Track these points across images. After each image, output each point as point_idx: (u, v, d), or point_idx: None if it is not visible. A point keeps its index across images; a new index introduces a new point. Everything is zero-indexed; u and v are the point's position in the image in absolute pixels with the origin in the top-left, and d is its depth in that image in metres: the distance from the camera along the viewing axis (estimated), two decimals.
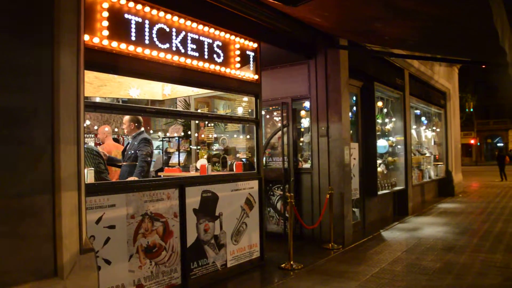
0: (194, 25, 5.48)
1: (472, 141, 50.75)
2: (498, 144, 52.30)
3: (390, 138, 11.20)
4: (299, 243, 7.76)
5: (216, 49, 5.82)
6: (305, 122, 8.68)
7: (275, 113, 8.75)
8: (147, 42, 4.82)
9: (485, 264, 6.53)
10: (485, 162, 49.12)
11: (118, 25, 4.52)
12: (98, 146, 7.29)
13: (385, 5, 4.86)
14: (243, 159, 7.65)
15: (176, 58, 5.19)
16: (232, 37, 6.12)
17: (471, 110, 44.71)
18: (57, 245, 3.12)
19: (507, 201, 13.95)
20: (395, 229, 9.33)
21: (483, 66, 5.46)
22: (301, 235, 8.20)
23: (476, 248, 7.53)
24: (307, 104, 8.36)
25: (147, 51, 4.81)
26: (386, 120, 11.16)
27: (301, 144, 8.71)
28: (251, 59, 6.47)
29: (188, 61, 5.37)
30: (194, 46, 5.47)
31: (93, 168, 5.24)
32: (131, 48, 4.63)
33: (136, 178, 5.95)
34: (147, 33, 4.82)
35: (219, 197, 5.84)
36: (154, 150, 7.25)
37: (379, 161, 10.20)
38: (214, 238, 5.75)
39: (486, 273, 6.10)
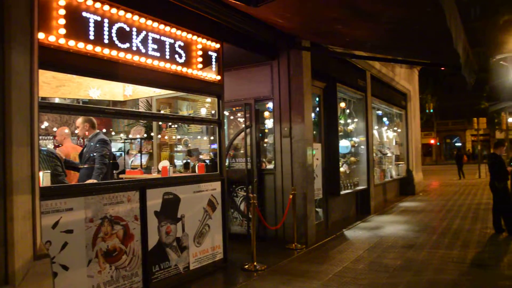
0: (155, 24, 5.40)
1: (432, 141, 52.14)
2: (457, 144, 53.97)
3: (353, 138, 11.36)
4: (262, 244, 7.75)
5: (177, 49, 5.75)
6: (269, 123, 8.70)
7: (238, 114, 8.73)
8: (106, 41, 4.71)
9: (443, 260, 6.72)
10: (444, 161, 50.52)
11: (76, 23, 4.39)
12: (56, 149, 7.08)
13: (346, 7, 4.92)
14: (206, 161, 7.60)
15: (136, 58, 5.10)
16: (194, 37, 6.06)
17: (431, 111, 45.97)
18: (8, 251, 2.99)
19: (464, 199, 14.40)
20: (357, 228, 9.47)
21: (442, 69, 5.62)
22: (264, 236, 8.20)
23: (435, 245, 7.74)
24: (270, 105, 8.39)
25: (106, 51, 4.70)
26: (349, 120, 11.32)
27: (265, 145, 8.73)
28: (214, 60, 6.42)
29: (149, 61, 5.28)
30: (155, 46, 5.38)
31: (49, 171, 5.09)
32: (90, 47, 4.51)
33: (95, 181, 5.80)
34: (106, 32, 4.71)
35: (181, 199, 5.77)
36: (112, 152, 7.09)
37: (341, 161, 10.32)
38: (176, 241, 5.68)
39: (444, 268, 6.29)
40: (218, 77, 6.50)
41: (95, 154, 6.23)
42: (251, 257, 6.47)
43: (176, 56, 5.72)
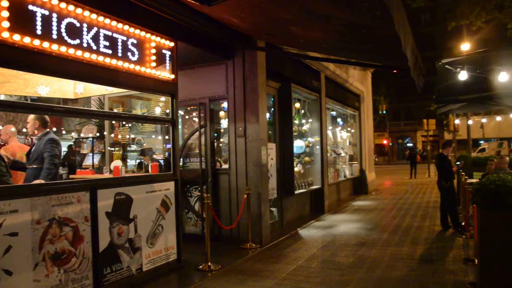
0: (107, 21, 5.26)
1: (385, 142, 53.57)
2: (408, 144, 55.59)
3: (307, 138, 11.51)
4: (217, 244, 7.74)
5: (130, 46, 5.63)
6: (225, 123, 8.68)
7: (193, 114, 8.65)
8: (55, 36, 4.55)
9: (393, 257, 6.92)
10: (396, 161, 51.94)
11: (21, 16, 4.22)
12: (1, 148, 6.78)
13: (300, 9, 4.97)
14: (160, 160, 7.49)
15: (87, 55, 4.95)
16: (148, 35, 5.96)
17: (384, 112, 47.18)
18: None
19: (414, 197, 14.86)
20: (311, 227, 9.59)
21: (394, 71, 5.78)
22: (219, 235, 8.18)
23: (386, 242, 7.95)
24: (225, 104, 8.37)
25: (54, 46, 4.54)
26: (303, 121, 11.45)
27: (221, 144, 8.70)
28: (168, 58, 6.33)
29: (100, 58, 5.15)
30: (107, 43, 5.25)
31: None
32: (37, 42, 4.34)
33: (42, 181, 5.59)
34: (55, 27, 4.55)
35: (134, 199, 5.65)
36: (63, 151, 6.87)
37: (296, 161, 10.43)
38: (129, 242, 5.56)
39: (394, 265, 6.47)
40: (172, 76, 6.42)
41: (44, 153, 6.01)
42: (206, 257, 6.44)
43: (129, 53, 5.60)
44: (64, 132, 10.34)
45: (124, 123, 7.87)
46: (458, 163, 11.22)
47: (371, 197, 15.36)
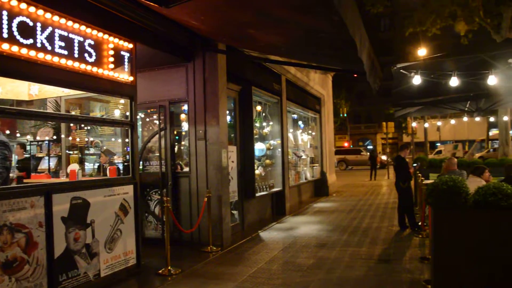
0: (63, 21, 5.13)
1: (346, 144, 54.42)
2: (369, 147, 56.69)
3: (268, 141, 11.56)
4: (178, 248, 7.65)
5: (87, 47, 5.51)
6: (186, 126, 8.61)
7: (154, 116, 8.55)
8: (5, 35, 4.40)
9: (353, 257, 7.04)
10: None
11: None
12: None
13: (258, 13, 4.99)
14: (119, 164, 7.36)
15: (41, 55, 4.82)
16: (106, 36, 5.85)
17: (345, 115, 48.00)
18: None
19: (374, 199, 15.15)
20: (273, 229, 9.63)
21: (355, 76, 5.88)
22: (180, 239, 8.10)
23: (346, 243, 8.07)
24: (186, 107, 8.30)
25: (5, 46, 4.39)
26: (264, 123, 11.50)
27: (182, 148, 8.62)
28: (126, 60, 6.24)
29: (56, 59, 5.02)
30: (63, 44, 5.12)
31: None
32: None
33: None
34: (5, 26, 4.40)
35: (91, 204, 5.53)
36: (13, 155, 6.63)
37: (257, 164, 10.46)
38: (86, 247, 5.43)
39: (353, 265, 6.58)
40: (131, 78, 6.32)
41: None
42: (166, 261, 6.36)
43: (86, 55, 5.48)
44: (18, 134, 10.01)
45: (82, 125, 7.69)
46: (415, 164, 11.54)
47: (332, 198, 15.57)
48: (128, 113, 6.50)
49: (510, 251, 4.01)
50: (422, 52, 21.91)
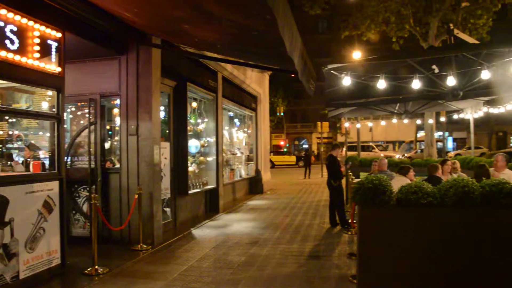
0: None
1: (282, 143, 55.19)
2: (304, 146, 57.83)
3: (203, 138, 11.47)
4: (107, 246, 7.43)
5: (9, 34, 5.17)
6: (118, 121, 8.34)
7: (85, 110, 8.22)
8: None
9: (284, 254, 7.14)
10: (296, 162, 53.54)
11: None
12: None
13: (191, 8, 4.91)
14: (45, 159, 7.00)
15: None
16: (31, 23, 5.51)
17: (282, 114, 48.64)
18: None
19: (307, 197, 15.45)
20: (205, 227, 9.57)
21: (293, 75, 5.95)
22: (109, 238, 7.84)
23: (278, 241, 8.17)
24: (119, 101, 8.04)
25: None
26: (199, 120, 11.39)
27: (115, 143, 8.34)
28: (54, 50, 5.92)
29: None
30: None
31: None
32: None
33: None
34: None
35: (10, 201, 5.20)
36: None
37: (190, 161, 10.35)
38: (3, 248, 5.10)
39: (284, 262, 6.67)
40: (59, 69, 6.03)
41: None
42: (93, 260, 6.14)
43: (7, 41, 5.15)
44: None
45: (7, 117, 7.23)
46: (346, 164, 11.87)
47: (266, 196, 15.72)
48: (55, 106, 6.19)
49: (430, 246, 4.20)
50: (357, 55, 22.66)
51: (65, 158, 7.24)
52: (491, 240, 4.14)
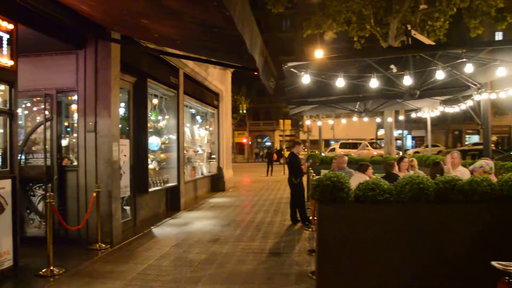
0: None
1: (245, 140, 55.29)
2: (267, 143, 58.11)
3: (164, 135, 11.32)
4: (63, 246, 7.21)
5: None
6: (76, 117, 8.12)
7: (42, 106, 7.96)
8: None
9: (244, 252, 7.14)
10: (255, 159, 53.83)
11: None
12: None
13: (151, 2, 4.83)
14: None
15: None
16: None
17: (245, 111, 48.71)
18: None
19: (269, 194, 15.53)
20: (166, 225, 9.47)
21: (256, 74, 5.92)
22: (66, 237, 7.63)
23: (239, 238, 8.18)
24: (77, 97, 7.84)
25: None
26: (160, 117, 11.23)
27: (74, 140, 8.11)
28: (5, 42, 5.68)
29: None
30: None
31: None
32: None
33: None
34: None
35: None
36: None
37: (151, 158, 10.20)
38: None
39: (244, 259, 6.67)
40: (11, 62, 5.79)
41: None
42: (48, 261, 5.95)
43: None
44: None
45: None
46: (307, 161, 11.97)
47: (228, 194, 15.70)
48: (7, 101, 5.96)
49: (388, 241, 4.29)
50: (319, 53, 22.94)
51: (19, 155, 7.01)
52: (446, 235, 4.27)
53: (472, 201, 4.21)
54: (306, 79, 7.25)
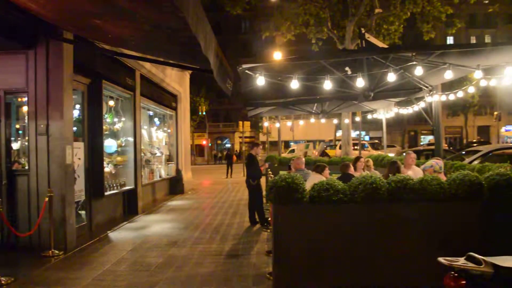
0: None
1: (204, 142, 55.02)
2: (227, 145, 58.05)
3: (120, 138, 11.10)
4: (13, 254, 6.99)
5: None
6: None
7: None
8: None
9: (202, 254, 7.11)
10: (215, 162, 53.67)
11: None
12: None
13: (102, 2, 4.71)
14: None
15: None
16: None
17: (204, 113, 48.45)
18: None
19: (228, 196, 15.50)
20: (123, 229, 9.30)
21: (214, 75, 5.90)
22: (16, 244, 7.34)
23: (197, 241, 8.12)
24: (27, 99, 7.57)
25: None
26: (116, 119, 11.00)
27: (26, 143, 7.83)
28: None
29: None
30: None
31: None
32: None
33: None
34: None
35: None
36: None
37: (107, 161, 9.98)
38: None
39: (202, 262, 6.65)
40: None
41: None
42: None
43: None
44: None
45: None
46: (266, 163, 12.03)
47: (187, 196, 15.57)
48: None
49: (342, 240, 4.36)
50: (277, 55, 23.12)
51: None
52: (399, 233, 4.38)
53: (423, 200, 4.33)
54: (260, 80, 7.27)
